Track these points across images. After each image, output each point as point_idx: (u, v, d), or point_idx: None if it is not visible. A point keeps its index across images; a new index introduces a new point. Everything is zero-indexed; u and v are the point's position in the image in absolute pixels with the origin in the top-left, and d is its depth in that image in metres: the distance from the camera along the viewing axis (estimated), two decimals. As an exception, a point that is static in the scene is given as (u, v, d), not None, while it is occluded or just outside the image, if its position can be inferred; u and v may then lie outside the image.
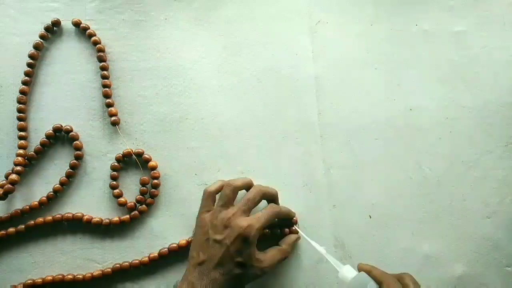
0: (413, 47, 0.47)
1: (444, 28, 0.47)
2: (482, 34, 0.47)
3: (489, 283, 0.44)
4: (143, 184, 0.42)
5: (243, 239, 0.36)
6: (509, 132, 0.46)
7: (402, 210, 0.44)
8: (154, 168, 0.42)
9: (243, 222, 0.36)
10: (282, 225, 0.43)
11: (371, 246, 0.43)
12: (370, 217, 0.44)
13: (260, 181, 0.43)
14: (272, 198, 0.41)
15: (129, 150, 0.42)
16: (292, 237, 0.41)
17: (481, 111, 0.46)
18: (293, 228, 0.42)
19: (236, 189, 0.39)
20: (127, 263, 0.41)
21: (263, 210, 0.39)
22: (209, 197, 0.39)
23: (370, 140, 0.45)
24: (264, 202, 0.41)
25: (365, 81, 0.46)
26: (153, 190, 0.42)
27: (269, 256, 0.38)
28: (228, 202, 0.38)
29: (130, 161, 0.43)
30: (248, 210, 0.38)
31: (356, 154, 0.45)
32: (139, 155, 0.42)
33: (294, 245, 0.42)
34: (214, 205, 0.39)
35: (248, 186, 0.40)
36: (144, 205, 0.42)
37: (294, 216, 0.42)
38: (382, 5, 0.47)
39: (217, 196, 0.40)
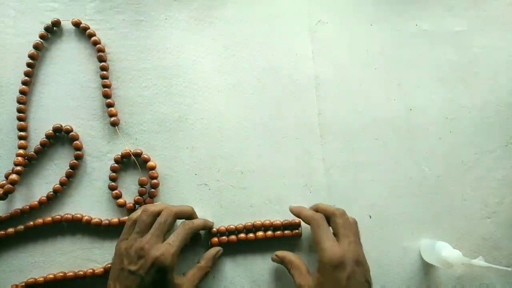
0: (413, 47, 0.47)
1: (444, 28, 0.47)
2: (482, 34, 0.47)
3: (489, 283, 0.44)
4: (141, 184, 0.42)
5: (158, 268, 0.34)
6: (509, 132, 0.46)
7: (402, 210, 0.44)
8: (152, 168, 0.42)
9: (156, 252, 0.34)
10: (287, 228, 0.42)
11: (371, 246, 0.43)
12: (370, 217, 0.44)
13: (260, 182, 0.43)
14: (187, 215, 0.40)
15: (128, 150, 0.42)
16: (212, 251, 0.40)
17: (481, 111, 0.46)
18: (296, 231, 0.42)
19: (153, 214, 0.37)
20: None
21: (176, 231, 0.37)
22: (132, 225, 0.37)
23: (370, 140, 0.45)
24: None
25: (365, 81, 0.46)
26: (152, 190, 0.42)
27: (188, 277, 0.37)
28: (144, 228, 0.36)
29: (130, 162, 0.43)
30: (161, 234, 0.36)
31: (356, 154, 0.45)
32: (138, 155, 0.42)
33: (215, 259, 0.40)
34: None
35: (165, 210, 0.38)
36: (143, 206, 0.42)
37: (212, 226, 0.41)
38: (382, 5, 0.47)
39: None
